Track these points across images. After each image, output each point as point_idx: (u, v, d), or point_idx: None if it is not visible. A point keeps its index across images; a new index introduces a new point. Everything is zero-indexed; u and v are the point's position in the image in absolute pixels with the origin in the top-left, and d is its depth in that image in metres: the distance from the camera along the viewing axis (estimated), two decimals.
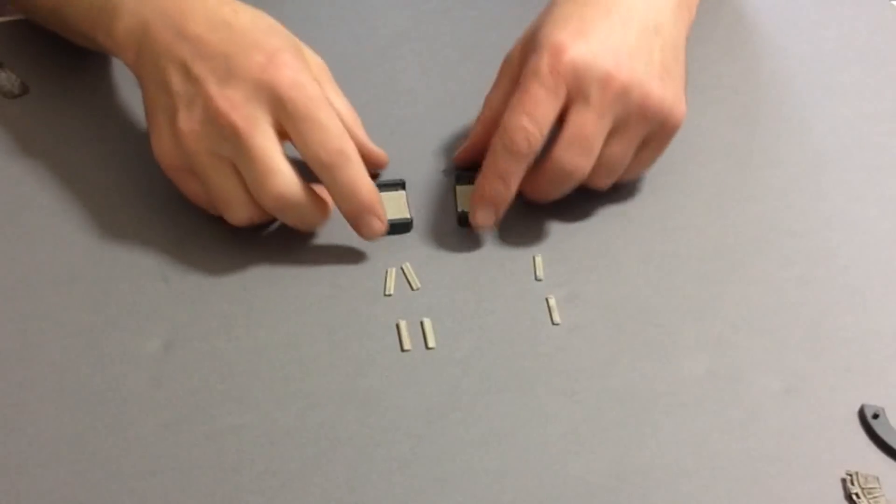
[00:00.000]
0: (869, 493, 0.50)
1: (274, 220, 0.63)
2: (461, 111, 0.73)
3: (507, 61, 0.65)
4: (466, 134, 0.71)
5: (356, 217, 0.60)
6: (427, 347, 0.58)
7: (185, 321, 0.58)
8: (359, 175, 0.59)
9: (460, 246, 0.63)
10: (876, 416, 0.54)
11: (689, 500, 0.51)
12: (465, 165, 0.67)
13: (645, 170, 0.66)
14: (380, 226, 0.60)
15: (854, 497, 0.50)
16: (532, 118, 0.59)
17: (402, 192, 0.66)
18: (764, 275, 0.62)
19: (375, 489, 0.51)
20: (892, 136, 0.73)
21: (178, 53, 0.60)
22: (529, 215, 0.65)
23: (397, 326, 0.58)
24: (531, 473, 0.52)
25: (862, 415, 0.54)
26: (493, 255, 0.63)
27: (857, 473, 0.51)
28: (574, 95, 0.59)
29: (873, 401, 0.55)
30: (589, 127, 0.60)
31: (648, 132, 0.62)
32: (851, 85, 0.78)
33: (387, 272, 0.61)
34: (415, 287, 0.61)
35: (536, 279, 0.62)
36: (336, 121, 0.58)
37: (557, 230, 0.64)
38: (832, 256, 0.64)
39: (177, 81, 0.60)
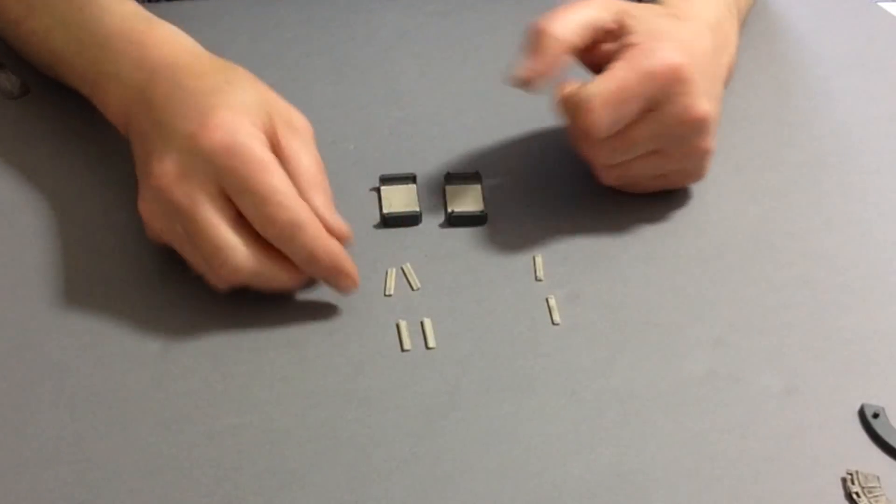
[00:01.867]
0: (869, 493, 0.50)
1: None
2: (460, 112, 0.73)
3: (591, 16, 0.62)
4: (466, 135, 0.71)
5: (324, 279, 0.58)
6: (427, 347, 0.58)
7: (185, 321, 0.58)
8: (315, 241, 0.55)
9: (460, 246, 0.63)
10: (876, 416, 0.54)
11: (689, 500, 0.51)
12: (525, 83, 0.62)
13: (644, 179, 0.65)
14: (349, 284, 0.57)
15: (854, 496, 0.50)
16: (615, 109, 0.59)
17: (412, 186, 0.66)
18: (764, 275, 0.62)
19: (375, 489, 0.51)
20: (889, 139, 0.74)
21: (142, 129, 0.59)
22: (529, 215, 0.65)
23: (397, 326, 0.58)
24: (531, 473, 0.52)
25: (862, 414, 0.54)
26: (493, 255, 0.63)
27: (857, 472, 0.51)
28: (653, 104, 0.60)
29: (873, 401, 0.55)
30: (639, 136, 0.61)
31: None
32: (850, 89, 0.78)
33: (387, 272, 0.61)
34: (415, 287, 0.61)
35: (536, 279, 0.62)
36: (283, 184, 0.55)
37: (557, 230, 0.64)
38: (832, 256, 0.64)
39: (140, 157, 0.59)
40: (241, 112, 0.56)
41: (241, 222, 0.56)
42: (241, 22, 0.81)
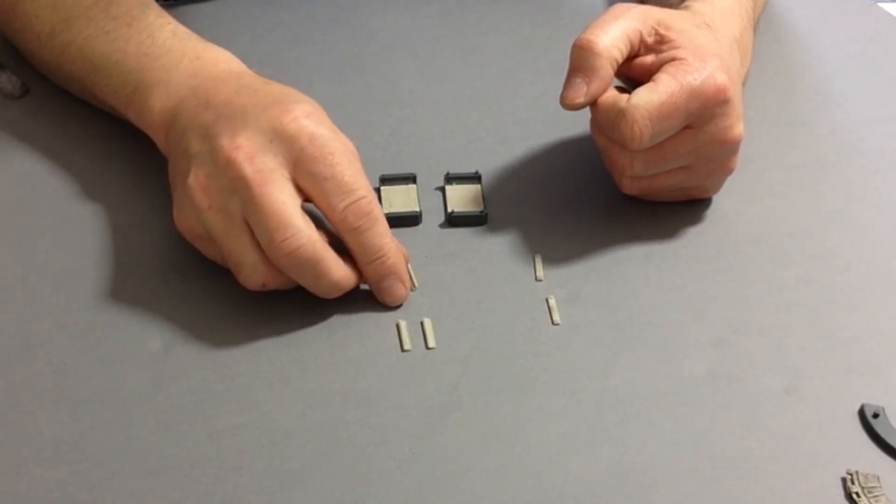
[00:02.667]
0: (869, 493, 0.50)
1: (290, 287, 0.58)
2: (459, 112, 0.73)
3: (631, 28, 0.61)
4: (466, 135, 0.71)
5: (380, 281, 0.58)
6: (427, 347, 0.58)
7: (185, 321, 0.58)
8: (386, 237, 0.57)
9: (460, 246, 0.63)
10: (876, 416, 0.54)
11: (689, 500, 0.51)
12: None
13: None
14: (403, 291, 0.59)
15: (854, 496, 0.50)
16: (658, 124, 0.58)
17: (412, 186, 0.66)
18: (764, 275, 0.62)
19: (375, 489, 0.51)
20: (889, 140, 0.73)
21: (201, 120, 0.58)
22: (529, 215, 0.65)
23: (397, 326, 0.58)
24: (531, 473, 0.52)
25: (862, 414, 0.54)
26: (493, 255, 0.63)
27: (857, 472, 0.51)
28: (693, 121, 0.60)
29: (873, 400, 0.55)
30: (675, 152, 0.60)
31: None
32: (850, 90, 0.78)
33: None
34: (415, 287, 0.61)
35: (536, 279, 0.62)
36: (362, 178, 0.57)
37: (557, 230, 0.64)
38: (832, 256, 0.64)
39: (195, 144, 0.58)
40: (321, 111, 0.58)
41: (306, 212, 0.56)
42: (241, 22, 0.81)
